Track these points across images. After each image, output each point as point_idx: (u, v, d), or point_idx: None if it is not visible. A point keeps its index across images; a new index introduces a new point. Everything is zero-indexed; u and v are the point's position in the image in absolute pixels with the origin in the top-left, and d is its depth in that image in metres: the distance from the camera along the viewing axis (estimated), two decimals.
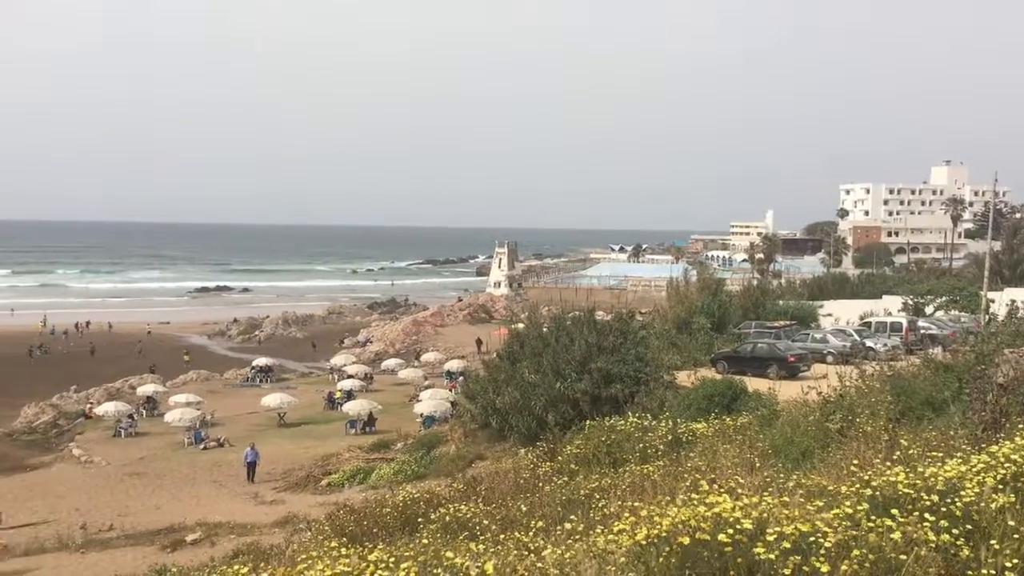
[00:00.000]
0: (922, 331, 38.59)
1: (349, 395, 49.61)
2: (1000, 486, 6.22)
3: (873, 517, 5.78)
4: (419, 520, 12.14)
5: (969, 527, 5.65)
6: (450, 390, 47.25)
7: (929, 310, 48.70)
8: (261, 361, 63.76)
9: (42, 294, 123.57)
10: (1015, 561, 5.32)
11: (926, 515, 5.69)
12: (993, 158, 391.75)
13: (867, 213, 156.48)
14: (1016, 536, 5.51)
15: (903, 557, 5.30)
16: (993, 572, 5.24)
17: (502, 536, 9.13)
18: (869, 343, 35.38)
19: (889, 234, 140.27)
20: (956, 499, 5.90)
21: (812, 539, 5.52)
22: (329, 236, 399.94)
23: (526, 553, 7.43)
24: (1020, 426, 8.46)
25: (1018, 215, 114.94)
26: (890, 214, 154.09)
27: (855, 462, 8.60)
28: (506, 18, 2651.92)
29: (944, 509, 5.81)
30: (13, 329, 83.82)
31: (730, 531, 5.60)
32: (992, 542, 5.47)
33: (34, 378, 60.38)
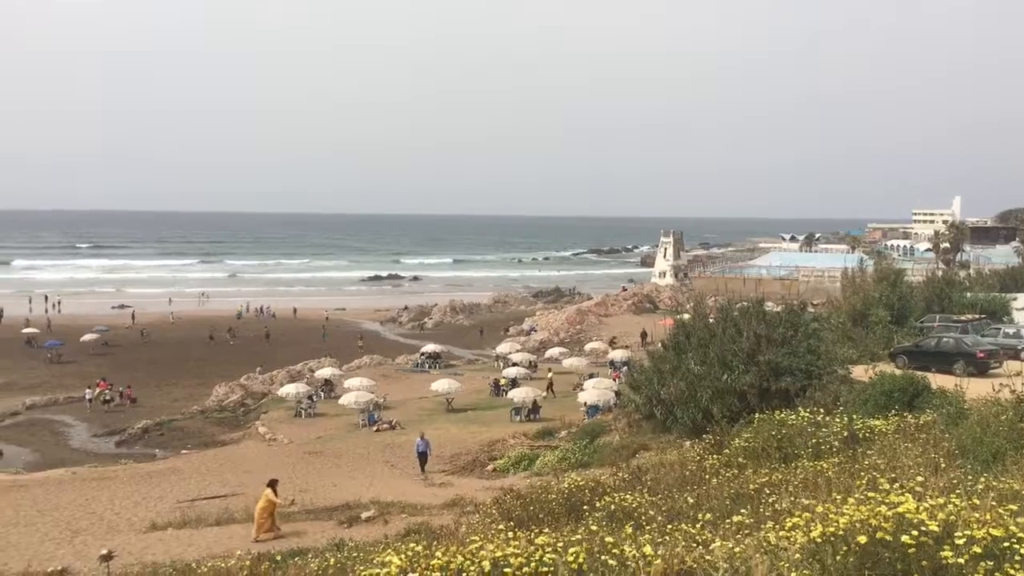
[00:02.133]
0: None
1: (514, 382, 50.40)
2: None
3: None
4: (584, 508, 12.17)
5: None
6: (614, 379, 47.13)
7: None
8: (430, 347, 65.73)
9: (231, 283, 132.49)
10: None
11: None
12: None
13: None
14: None
15: None
16: None
17: (668, 527, 9.06)
18: None
19: None
20: None
21: (1006, 544, 5.20)
22: (496, 225, 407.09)
23: (694, 545, 7.34)
24: None
25: None
26: None
27: None
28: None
29: None
30: (206, 314, 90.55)
31: (914, 532, 5.35)
32: None
33: (225, 360, 64.96)
